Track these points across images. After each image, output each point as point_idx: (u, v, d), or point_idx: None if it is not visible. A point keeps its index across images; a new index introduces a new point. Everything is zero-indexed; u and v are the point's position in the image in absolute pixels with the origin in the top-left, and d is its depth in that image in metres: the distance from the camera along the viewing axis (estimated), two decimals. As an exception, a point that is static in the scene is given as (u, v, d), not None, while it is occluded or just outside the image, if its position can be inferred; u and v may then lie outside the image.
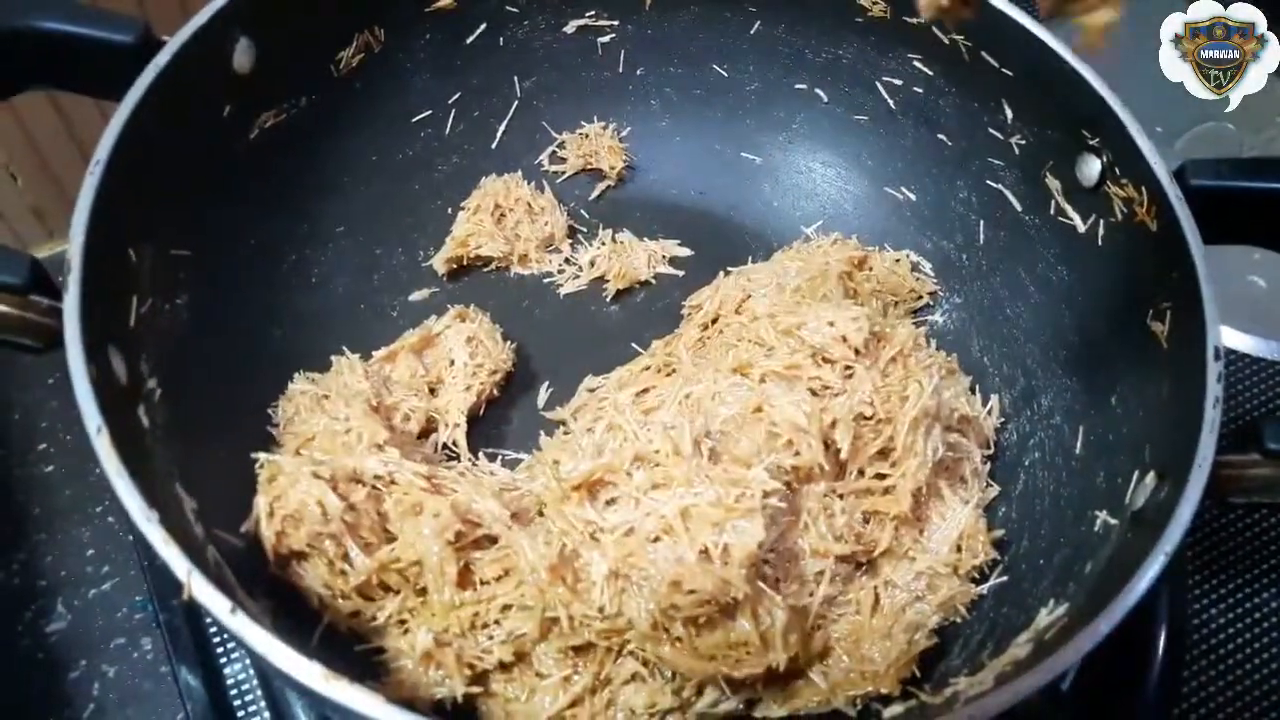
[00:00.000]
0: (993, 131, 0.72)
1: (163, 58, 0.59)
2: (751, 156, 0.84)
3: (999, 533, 0.66)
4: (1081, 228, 0.67)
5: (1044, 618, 0.56)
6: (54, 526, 0.75)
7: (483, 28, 0.78)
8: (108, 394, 0.50)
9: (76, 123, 0.89)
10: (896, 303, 0.77)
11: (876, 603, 0.62)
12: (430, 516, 0.58)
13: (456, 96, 0.80)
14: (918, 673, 0.60)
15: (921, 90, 0.76)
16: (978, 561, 0.64)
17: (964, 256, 0.77)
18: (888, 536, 0.63)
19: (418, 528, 0.57)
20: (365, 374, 0.67)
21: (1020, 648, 0.55)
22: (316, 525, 0.56)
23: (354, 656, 0.58)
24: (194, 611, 0.66)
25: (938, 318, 0.78)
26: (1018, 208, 0.73)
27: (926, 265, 0.79)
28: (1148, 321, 0.61)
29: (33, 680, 0.70)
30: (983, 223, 0.76)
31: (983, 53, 0.70)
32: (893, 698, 0.59)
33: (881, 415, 0.63)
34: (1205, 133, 0.96)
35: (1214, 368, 0.54)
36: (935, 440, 0.64)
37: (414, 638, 0.57)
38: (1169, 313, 0.60)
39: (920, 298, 0.78)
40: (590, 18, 0.80)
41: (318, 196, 0.75)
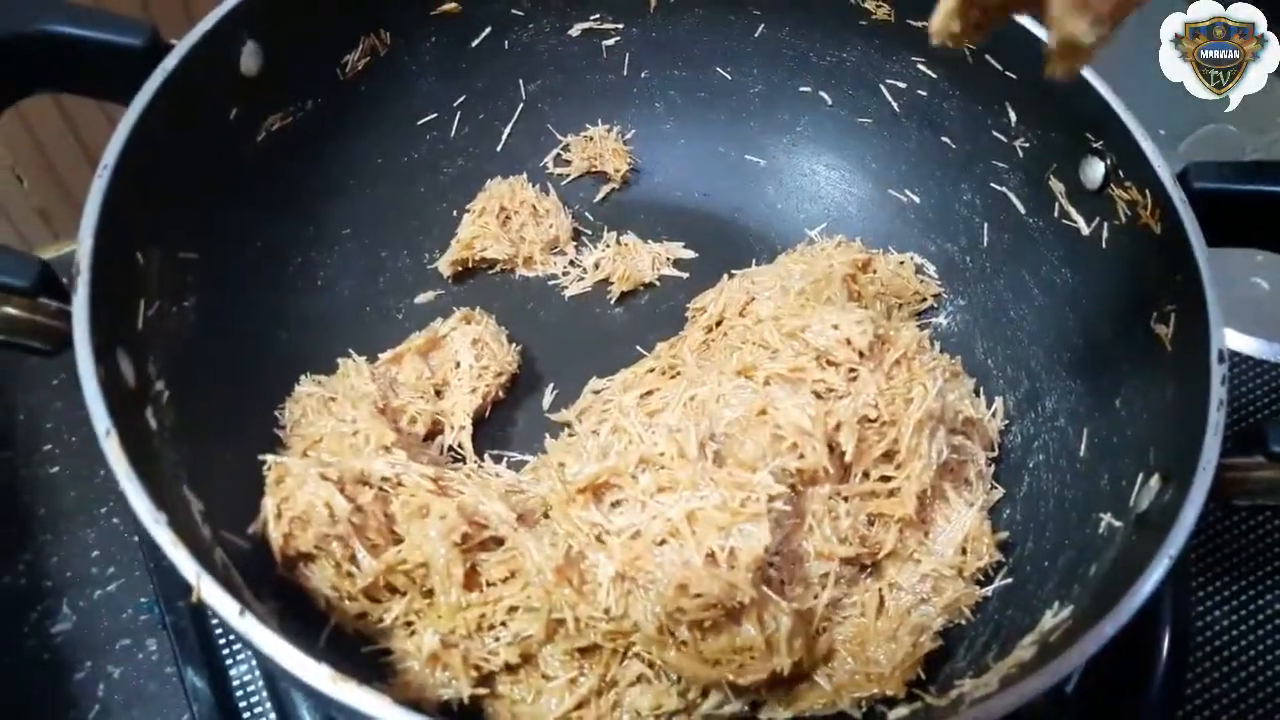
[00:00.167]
0: (997, 134, 0.72)
1: (170, 61, 0.59)
2: (755, 159, 0.84)
3: (1003, 535, 0.66)
4: (1085, 230, 0.68)
5: (1049, 620, 0.56)
6: (59, 528, 0.75)
7: (488, 31, 0.78)
8: (116, 396, 0.50)
9: (82, 125, 0.89)
10: (900, 305, 0.77)
11: (881, 605, 0.62)
12: (437, 518, 0.58)
13: (462, 99, 0.80)
14: (923, 675, 0.60)
15: (925, 93, 0.76)
16: (982, 564, 0.64)
17: (968, 259, 0.77)
18: (892, 539, 0.63)
19: (425, 529, 0.58)
20: (372, 376, 0.67)
21: (1025, 650, 0.55)
22: (324, 527, 0.57)
23: (360, 658, 0.58)
24: (199, 612, 0.66)
25: (942, 320, 0.78)
26: (1021, 210, 0.73)
27: (930, 268, 0.79)
28: (1152, 324, 0.61)
29: (38, 681, 0.70)
30: (987, 225, 0.76)
31: (986, 56, 0.70)
32: (898, 700, 0.59)
33: (886, 418, 0.63)
34: (1208, 135, 0.96)
35: (1218, 371, 0.55)
36: (940, 443, 0.64)
37: (420, 639, 0.57)
38: (1173, 315, 0.60)
39: (924, 300, 0.78)
40: (595, 21, 0.80)
41: (324, 199, 0.75)
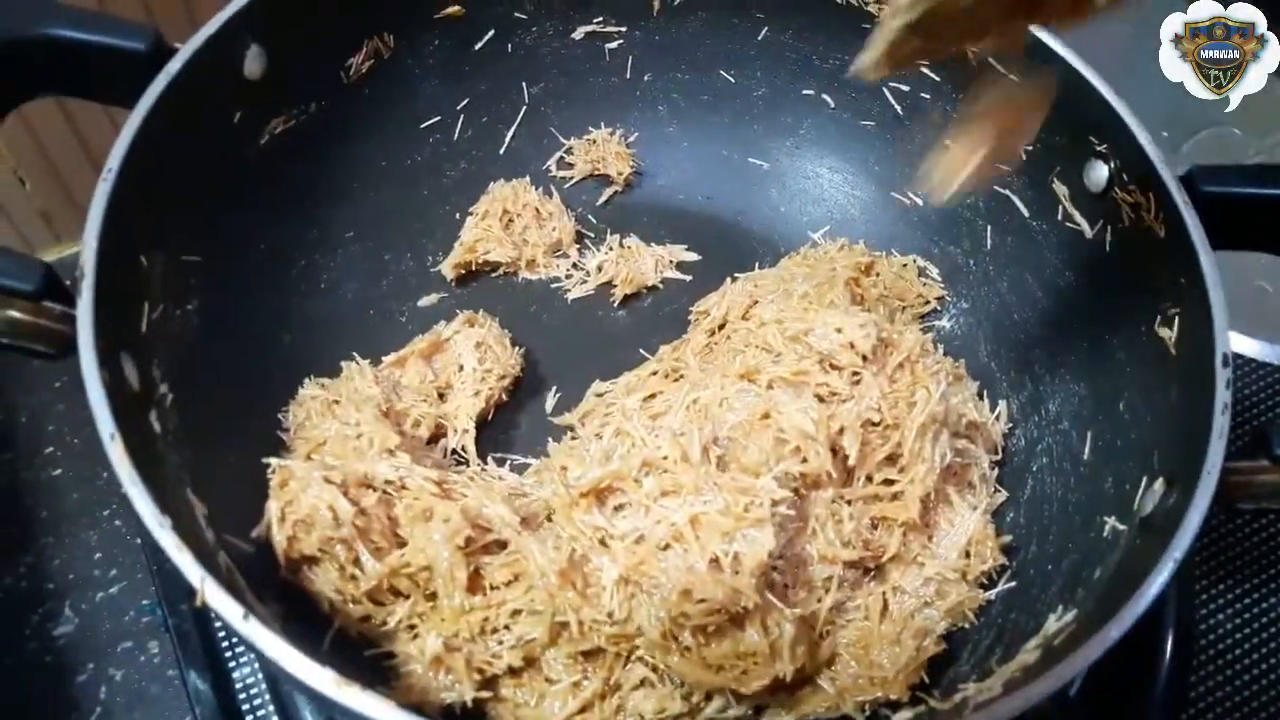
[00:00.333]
0: (1000, 137, 0.72)
1: (174, 65, 0.60)
2: (759, 162, 0.84)
3: (1007, 538, 0.66)
4: (1089, 233, 0.68)
5: (1053, 624, 0.56)
6: (61, 530, 0.75)
7: (491, 34, 0.78)
8: (120, 400, 0.50)
9: (84, 128, 0.89)
10: (904, 308, 0.77)
11: (885, 608, 0.62)
12: (440, 521, 0.58)
13: (465, 102, 0.80)
14: (926, 678, 0.60)
15: (928, 96, 0.76)
16: (986, 567, 0.64)
17: (971, 262, 0.77)
18: (896, 542, 0.63)
19: (428, 533, 0.58)
20: (375, 379, 0.67)
21: (1029, 654, 0.55)
22: (328, 530, 0.56)
23: (364, 661, 0.58)
24: (202, 615, 0.66)
25: (945, 323, 0.78)
26: (1025, 213, 0.73)
27: (934, 270, 0.79)
28: (1156, 327, 0.61)
29: (40, 683, 0.70)
30: (990, 228, 0.76)
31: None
32: (901, 704, 0.59)
33: (889, 421, 0.63)
34: (1211, 137, 0.96)
35: (1222, 374, 0.54)
36: (943, 446, 0.64)
37: (424, 642, 0.57)
38: (1177, 319, 0.60)
39: (927, 303, 0.78)
40: (598, 24, 0.80)
41: (327, 202, 0.75)
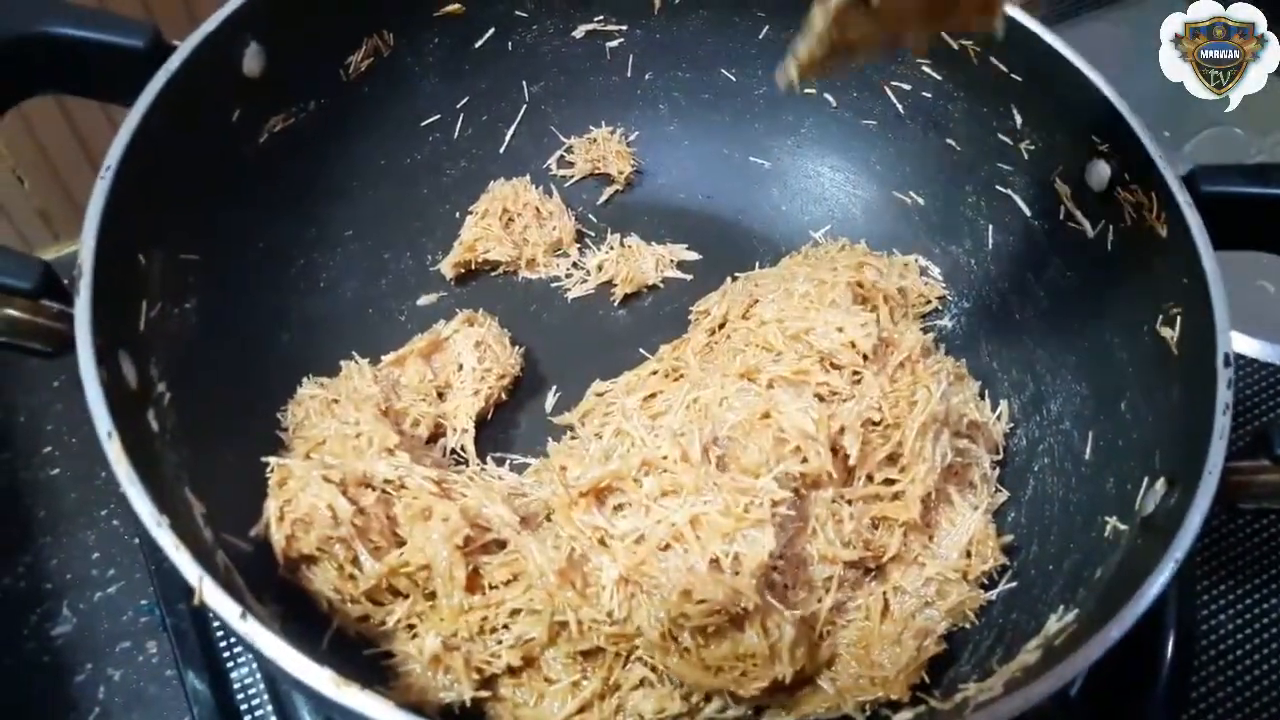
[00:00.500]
0: (1002, 136, 0.72)
1: (173, 62, 0.59)
2: (760, 161, 0.83)
3: (1008, 538, 0.66)
4: (1091, 233, 0.67)
5: (1054, 624, 0.56)
6: (59, 530, 0.75)
7: (491, 32, 0.78)
8: (118, 398, 0.50)
9: (82, 126, 0.88)
10: (905, 308, 0.77)
11: (886, 608, 0.62)
12: (439, 521, 0.58)
13: (465, 101, 0.80)
14: (927, 679, 0.60)
15: (930, 95, 0.76)
16: (987, 567, 0.64)
17: (972, 261, 0.77)
18: (896, 542, 0.63)
19: (427, 532, 0.57)
20: (374, 378, 0.67)
21: (1030, 654, 0.55)
22: (326, 529, 0.56)
23: (362, 660, 0.58)
24: (200, 615, 0.66)
25: (946, 323, 0.78)
26: (1027, 213, 0.72)
27: (935, 270, 0.79)
28: (1157, 327, 0.61)
29: (38, 684, 0.70)
30: (991, 228, 0.75)
31: (991, 58, 0.70)
32: (902, 704, 0.59)
33: (890, 421, 0.63)
34: (1212, 137, 0.96)
35: (1224, 374, 0.54)
36: (944, 446, 0.64)
37: (422, 642, 0.57)
38: (1179, 319, 0.60)
39: (929, 303, 0.77)
40: (599, 22, 0.80)
41: (326, 201, 0.75)
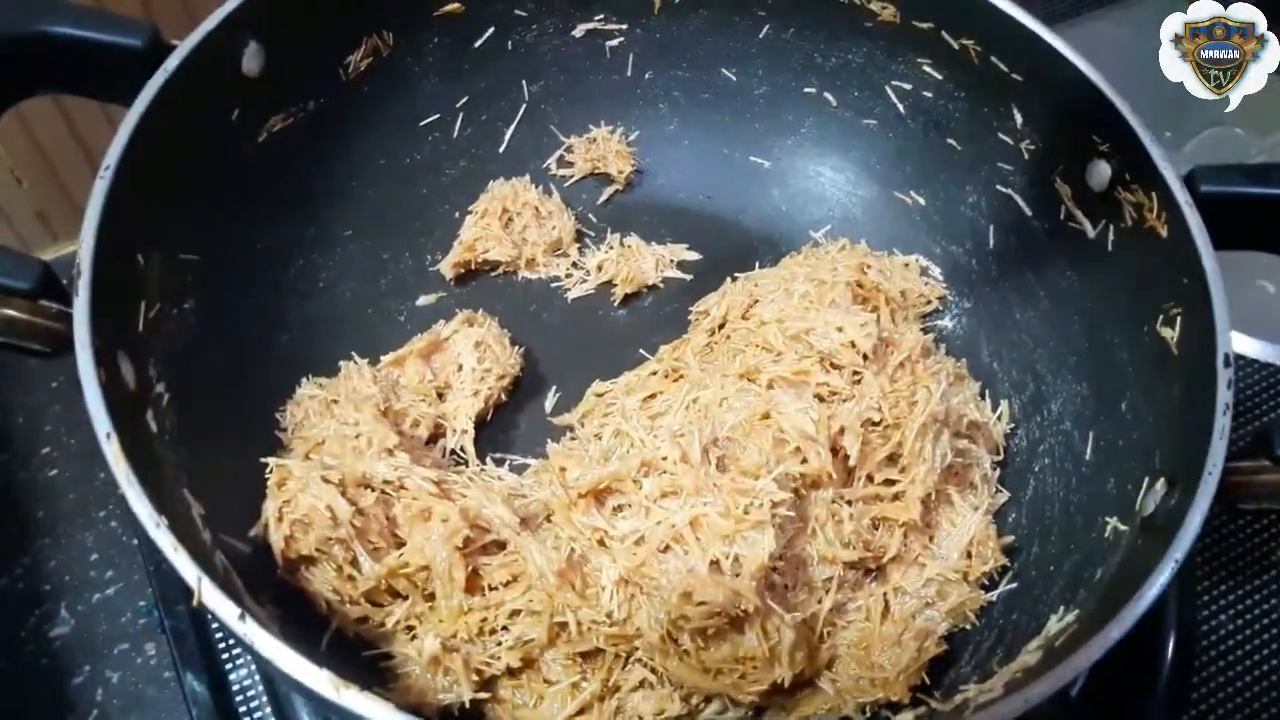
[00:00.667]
0: (1002, 136, 0.72)
1: (172, 62, 0.59)
2: (760, 160, 0.83)
3: (1009, 539, 0.66)
4: (1091, 233, 0.67)
5: (1054, 624, 0.56)
6: (57, 531, 0.75)
7: (490, 31, 0.78)
8: (116, 399, 0.50)
9: (81, 126, 0.88)
10: (905, 308, 0.76)
11: (886, 609, 0.62)
12: (439, 522, 0.57)
13: (464, 100, 0.80)
14: (927, 680, 0.60)
15: (931, 94, 0.75)
16: (987, 568, 0.64)
17: (973, 261, 0.77)
18: (897, 543, 0.63)
19: (426, 533, 0.57)
20: (374, 379, 0.66)
21: (1030, 654, 0.55)
22: (325, 530, 0.56)
23: (361, 662, 0.58)
24: (199, 616, 0.66)
25: (947, 323, 0.78)
26: (1027, 213, 0.72)
27: (935, 270, 0.79)
28: (1158, 327, 0.61)
29: (36, 685, 0.70)
30: (992, 228, 0.75)
31: (992, 57, 0.69)
32: (902, 705, 0.59)
33: (890, 421, 0.62)
34: (1213, 137, 0.96)
35: (1224, 374, 0.54)
36: (944, 446, 0.64)
37: (422, 643, 0.57)
38: (1179, 319, 0.60)
39: (929, 303, 0.77)
40: (599, 21, 0.80)
41: (325, 201, 0.75)
